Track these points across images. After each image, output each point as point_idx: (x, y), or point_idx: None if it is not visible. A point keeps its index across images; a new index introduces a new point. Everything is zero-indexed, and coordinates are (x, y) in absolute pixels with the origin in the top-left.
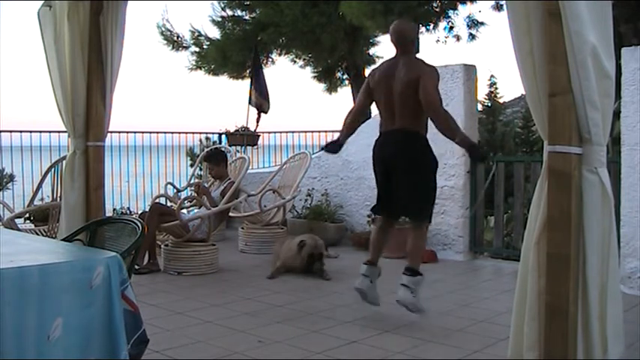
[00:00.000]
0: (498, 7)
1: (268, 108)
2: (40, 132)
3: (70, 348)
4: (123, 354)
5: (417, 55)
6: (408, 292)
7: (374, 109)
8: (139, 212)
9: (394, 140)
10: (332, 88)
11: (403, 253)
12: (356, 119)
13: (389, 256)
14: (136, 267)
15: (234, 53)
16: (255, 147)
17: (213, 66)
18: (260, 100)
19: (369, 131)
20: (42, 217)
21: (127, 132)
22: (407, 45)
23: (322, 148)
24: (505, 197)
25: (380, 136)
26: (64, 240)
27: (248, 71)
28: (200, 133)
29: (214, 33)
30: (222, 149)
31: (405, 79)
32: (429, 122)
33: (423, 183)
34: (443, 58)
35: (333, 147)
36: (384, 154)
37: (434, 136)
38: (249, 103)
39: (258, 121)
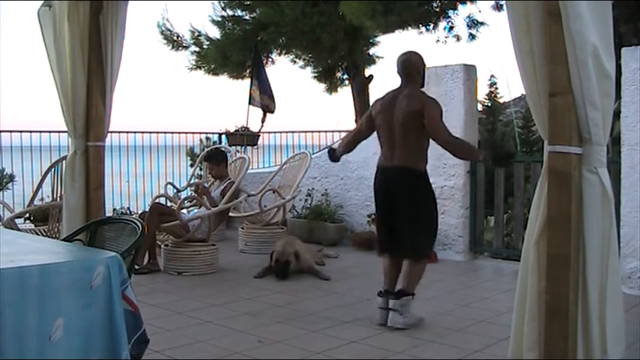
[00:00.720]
0: (498, 7)
1: (274, 107)
2: (40, 132)
3: (72, 348)
4: (124, 354)
5: (421, 89)
6: (397, 315)
7: None
8: (139, 212)
9: (393, 178)
10: (332, 88)
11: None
12: (355, 141)
13: None
14: (136, 267)
15: (234, 53)
16: (255, 147)
17: (213, 66)
18: (267, 100)
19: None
20: (42, 217)
21: (127, 132)
22: (412, 76)
23: (328, 149)
24: (505, 197)
25: (378, 170)
26: (64, 240)
27: (248, 71)
28: (200, 133)
29: (214, 33)
30: (222, 149)
31: (406, 110)
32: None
33: (423, 222)
34: (443, 58)
35: (333, 156)
36: (385, 190)
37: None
38: (250, 102)
39: (263, 121)
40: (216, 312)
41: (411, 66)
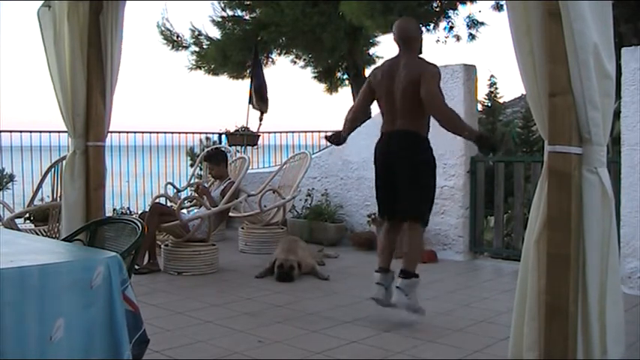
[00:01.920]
0: (498, 7)
1: (267, 109)
2: (40, 132)
3: (73, 348)
4: (126, 354)
5: (420, 55)
6: (402, 294)
7: (374, 109)
8: (139, 212)
9: (395, 141)
10: (332, 88)
11: (400, 254)
12: (357, 117)
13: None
14: (136, 267)
15: (234, 53)
16: (255, 147)
17: (213, 66)
18: (259, 104)
19: (369, 131)
20: (42, 217)
21: (127, 132)
22: (410, 43)
23: (325, 137)
24: (505, 197)
25: (381, 136)
26: (64, 240)
27: (248, 71)
28: (200, 133)
29: (214, 33)
30: (223, 149)
31: (406, 79)
32: (432, 121)
33: (423, 185)
34: (443, 58)
35: (337, 139)
36: (386, 155)
37: (434, 137)
38: (250, 102)
39: (261, 121)
40: (216, 312)
41: (409, 33)
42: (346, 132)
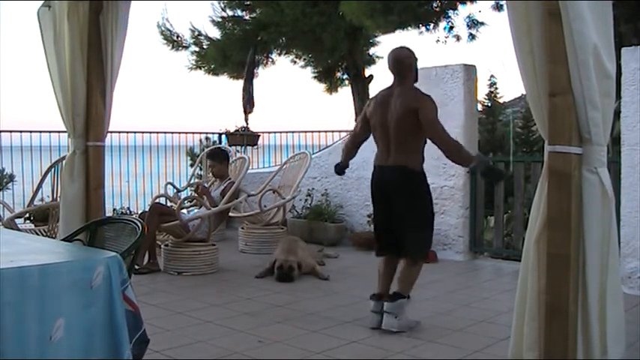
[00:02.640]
0: (498, 7)
1: (251, 109)
2: (40, 132)
3: (73, 348)
4: (126, 354)
5: (415, 85)
6: (391, 317)
7: None
8: (139, 212)
9: (389, 178)
10: (332, 88)
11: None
12: (354, 147)
13: None
14: (136, 267)
15: (234, 53)
16: (255, 147)
17: (213, 66)
18: (246, 105)
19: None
20: (42, 217)
21: (127, 132)
22: (404, 72)
23: (335, 166)
24: (505, 197)
25: (375, 169)
26: (64, 240)
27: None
28: (200, 133)
29: (214, 33)
30: (225, 149)
31: (400, 110)
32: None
33: (420, 221)
34: (443, 58)
35: (340, 170)
36: (382, 189)
37: None
38: (244, 102)
39: (247, 121)
40: (216, 312)
41: (403, 62)
42: (346, 160)
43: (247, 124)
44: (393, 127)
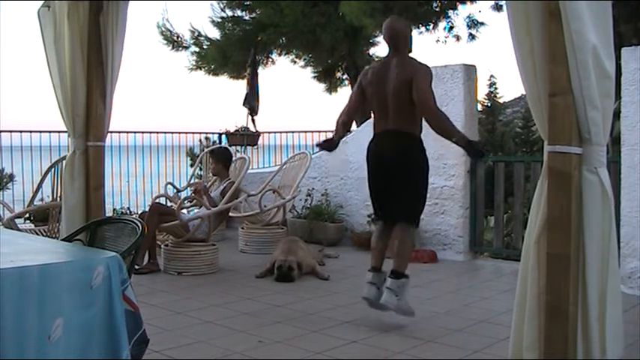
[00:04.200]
0: (498, 7)
1: (257, 109)
2: (40, 132)
3: (71, 348)
4: (125, 354)
5: (411, 55)
6: (392, 294)
7: None
8: (139, 212)
9: (388, 142)
10: (332, 88)
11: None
12: (349, 119)
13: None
14: (136, 267)
15: (234, 53)
16: (255, 147)
17: (213, 66)
18: (252, 103)
19: (369, 131)
20: (42, 217)
21: (127, 132)
22: (400, 43)
23: (317, 145)
24: (505, 197)
25: (374, 137)
26: (64, 240)
27: (247, 72)
28: (200, 133)
29: (214, 33)
30: (227, 151)
31: (398, 79)
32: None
33: (415, 185)
34: (443, 58)
35: (329, 145)
36: (378, 156)
37: (433, 135)
38: (244, 103)
39: (254, 122)
40: (216, 312)
41: (399, 33)
42: (338, 136)
43: (255, 125)
44: (391, 96)
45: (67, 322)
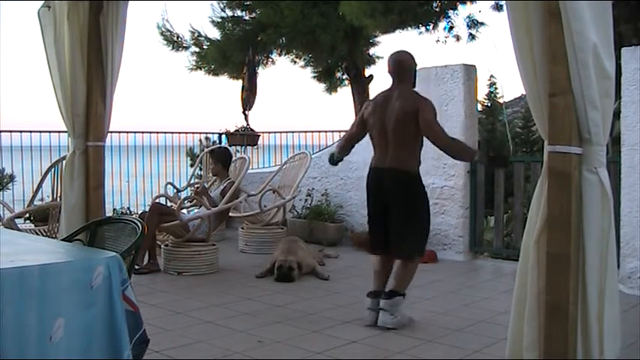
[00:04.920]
0: (498, 7)
1: (253, 102)
2: (40, 132)
3: (73, 349)
4: (126, 353)
5: (413, 89)
6: (386, 314)
7: None
8: (139, 212)
9: (386, 180)
10: (332, 88)
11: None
12: (348, 144)
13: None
14: (136, 267)
15: (234, 53)
16: (255, 147)
17: (213, 66)
18: (250, 97)
19: None
20: (42, 217)
21: (127, 132)
22: (404, 75)
23: (330, 155)
24: (505, 197)
25: (370, 171)
26: (64, 240)
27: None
28: (200, 133)
29: (214, 33)
30: (227, 151)
31: (399, 112)
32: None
33: (416, 222)
34: (443, 58)
35: (332, 161)
36: (377, 192)
37: None
38: (244, 103)
39: (247, 119)
40: (216, 312)
41: (403, 65)
42: (338, 158)
43: (247, 122)
44: (392, 128)
45: (68, 323)
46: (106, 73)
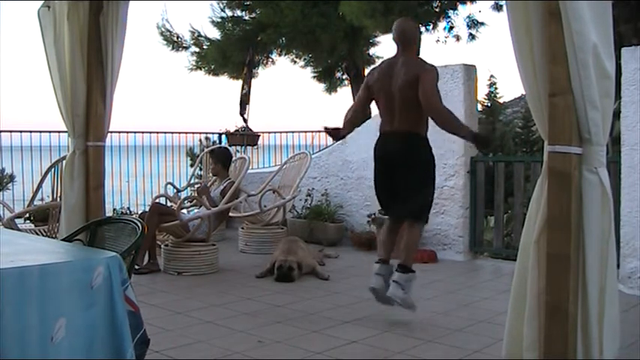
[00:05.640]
0: (498, 7)
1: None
2: (40, 132)
3: (75, 349)
4: (129, 353)
5: (418, 55)
6: (398, 288)
7: (373, 109)
8: (139, 212)
9: (394, 142)
10: (332, 88)
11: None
12: (356, 116)
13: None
14: (136, 267)
15: (234, 53)
16: (255, 147)
17: (213, 66)
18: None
19: (369, 131)
20: (42, 217)
21: (127, 132)
22: (409, 43)
23: (325, 128)
24: (505, 197)
25: (380, 136)
26: (64, 240)
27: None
28: (200, 133)
29: (214, 33)
30: (227, 151)
31: (404, 79)
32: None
33: (423, 183)
34: (443, 58)
35: (336, 134)
36: (385, 156)
37: (434, 136)
38: (242, 104)
39: (243, 117)
40: (216, 312)
41: (409, 33)
42: (345, 131)
43: (246, 123)
44: (397, 94)
45: (69, 323)
46: (106, 73)
